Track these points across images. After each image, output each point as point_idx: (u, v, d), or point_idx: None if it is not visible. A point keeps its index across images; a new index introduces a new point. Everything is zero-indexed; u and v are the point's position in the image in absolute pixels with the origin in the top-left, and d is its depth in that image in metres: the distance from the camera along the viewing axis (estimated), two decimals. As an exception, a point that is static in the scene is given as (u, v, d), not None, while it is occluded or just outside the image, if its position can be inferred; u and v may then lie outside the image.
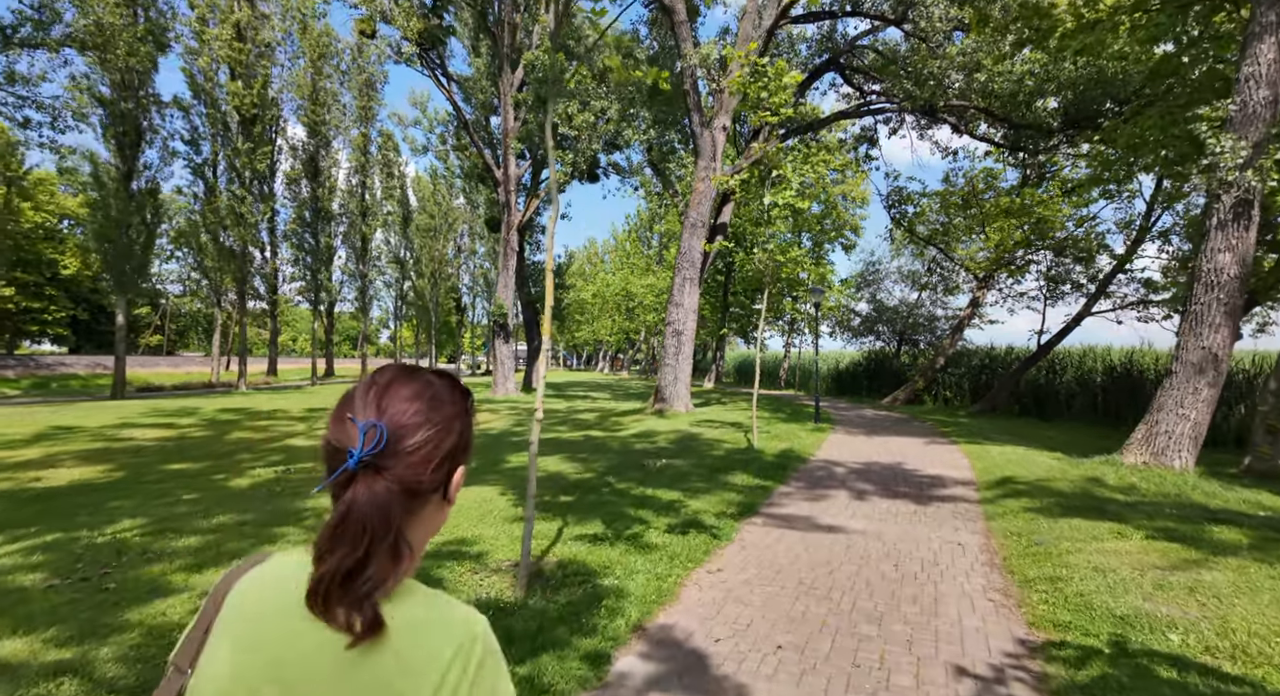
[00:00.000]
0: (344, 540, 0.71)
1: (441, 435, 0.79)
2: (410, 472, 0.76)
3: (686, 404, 16.53)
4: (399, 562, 0.75)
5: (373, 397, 0.79)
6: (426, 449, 0.78)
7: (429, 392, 0.82)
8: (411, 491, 0.76)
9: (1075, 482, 7.78)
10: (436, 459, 0.78)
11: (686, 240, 16.42)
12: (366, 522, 0.72)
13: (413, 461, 0.76)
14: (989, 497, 7.39)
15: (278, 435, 11.16)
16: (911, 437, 13.19)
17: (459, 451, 0.82)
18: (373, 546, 0.72)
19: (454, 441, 0.81)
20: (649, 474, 8.26)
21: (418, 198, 48.59)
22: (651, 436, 11.85)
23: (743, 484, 7.82)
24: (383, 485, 0.74)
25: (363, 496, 0.73)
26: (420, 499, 0.78)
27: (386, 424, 0.76)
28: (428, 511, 0.81)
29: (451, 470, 0.82)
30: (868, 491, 7.80)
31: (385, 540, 0.73)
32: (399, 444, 0.76)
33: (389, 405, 0.78)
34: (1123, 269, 17.26)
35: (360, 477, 0.74)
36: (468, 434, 0.85)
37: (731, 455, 9.91)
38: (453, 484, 0.82)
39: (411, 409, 0.79)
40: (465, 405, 0.86)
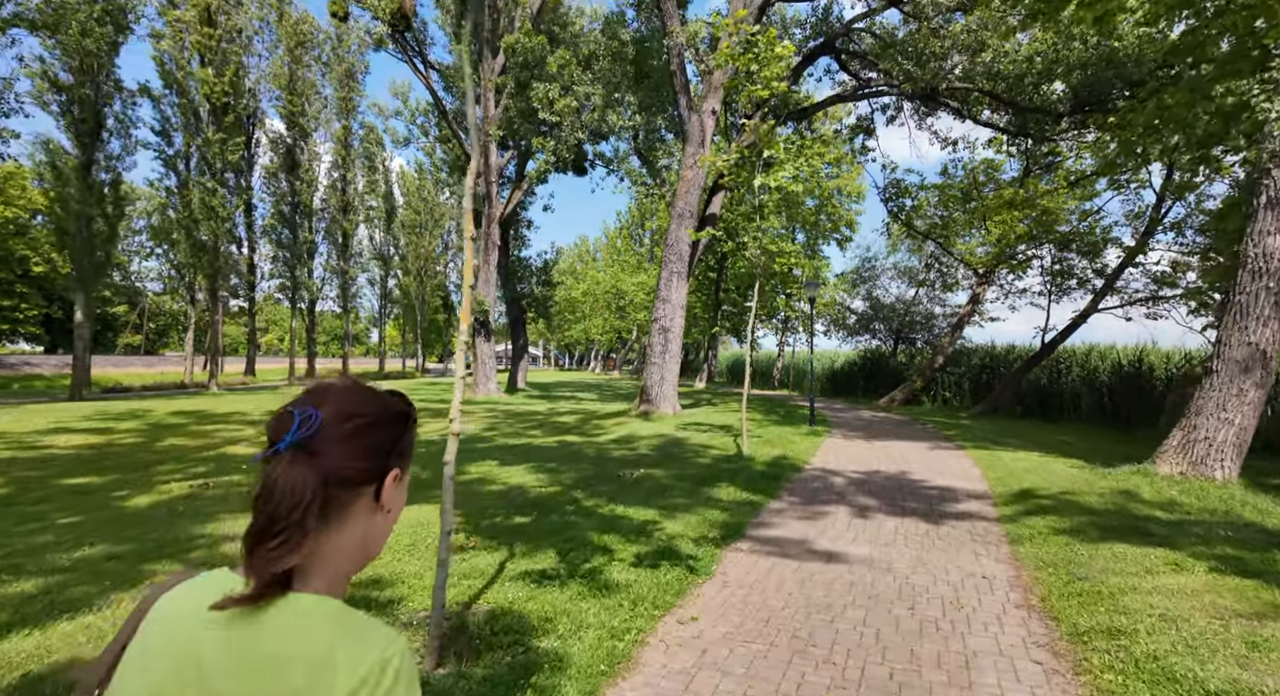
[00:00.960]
0: (258, 506, 0.73)
1: (374, 427, 0.81)
2: (338, 458, 0.76)
3: (674, 405, 15.58)
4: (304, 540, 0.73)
5: (316, 392, 0.81)
6: (357, 438, 0.78)
7: (371, 393, 0.84)
8: (340, 479, 0.76)
9: (1105, 496, 6.86)
10: (367, 449, 0.79)
11: (674, 231, 15.47)
12: (281, 492, 0.72)
13: (344, 449, 0.77)
14: (1009, 515, 6.46)
15: (217, 442, 10.15)
16: (914, 442, 12.27)
17: (393, 451, 0.83)
18: (285, 513, 0.71)
19: (387, 437, 0.82)
20: (624, 487, 7.29)
21: (403, 193, 47.49)
22: (632, 442, 10.89)
23: (729, 499, 6.86)
24: (306, 464, 0.74)
25: (282, 470, 0.74)
26: (349, 491, 0.78)
27: (322, 411, 0.77)
28: (358, 510, 0.80)
29: (383, 469, 0.81)
30: (871, 507, 6.86)
31: (298, 511, 0.72)
32: (331, 429, 0.77)
33: (328, 397, 0.80)
34: (1132, 262, 16.41)
35: (287, 457, 0.74)
36: (405, 439, 0.86)
37: (718, 464, 8.95)
38: (385, 486, 0.81)
39: (349, 399, 0.81)
40: (406, 410, 0.87)
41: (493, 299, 21.95)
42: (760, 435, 12.11)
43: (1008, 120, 16.92)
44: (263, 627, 0.70)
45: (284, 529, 0.71)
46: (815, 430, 13.41)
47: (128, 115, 23.61)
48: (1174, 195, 16.03)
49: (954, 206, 22.00)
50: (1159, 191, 16.28)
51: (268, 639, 0.70)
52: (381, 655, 0.70)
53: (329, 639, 0.70)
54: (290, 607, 0.72)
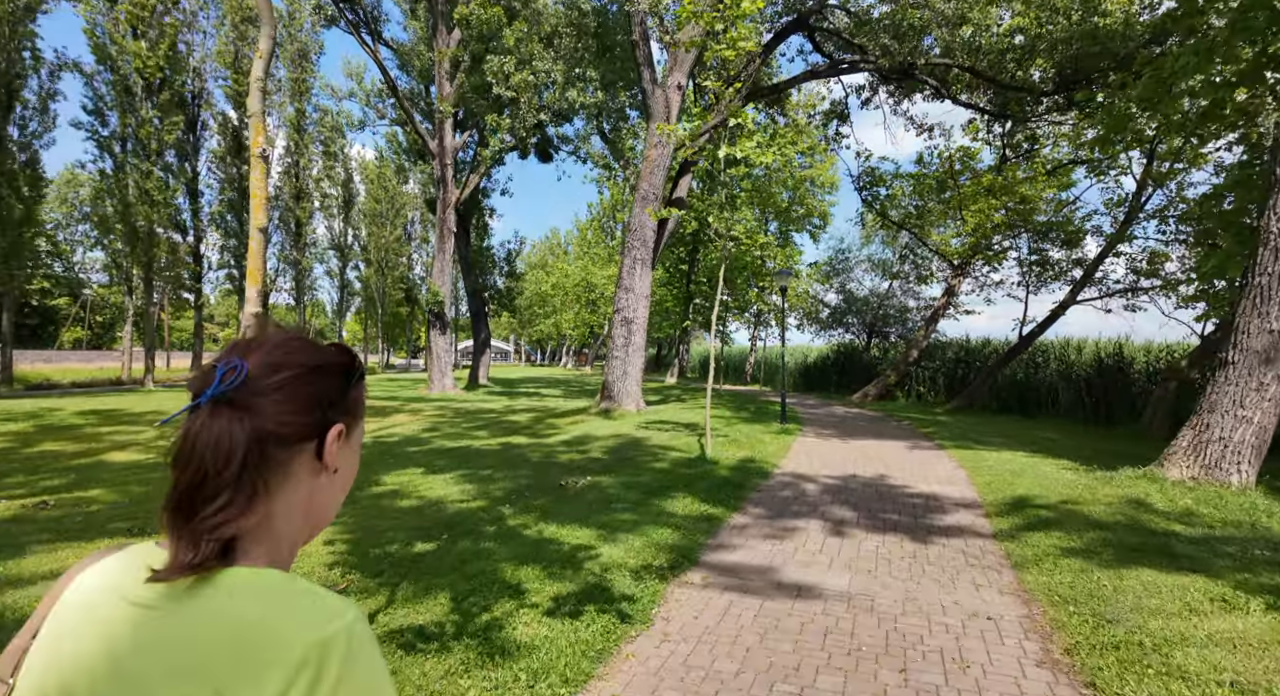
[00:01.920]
0: (178, 467, 0.64)
1: (309, 378, 0.71)
2: (271, 412, 0.67)
3: (637, 402, 14.55)
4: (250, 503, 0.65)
5: (241, 343, 0.71)
6: (289, 388, 0.68)
7: (305, 342, 0.74)
8: (274, 436, 0.67)
9: (1113, 506, 6.01)
10: (303, 400, 0.69)
11: (637, 215, 14.41)
12: (203, 446, 0.63)
13: (274, 399, 0.67)
14: (1007, 530, 5.56)
15: (103, 446, 8.83)
16: (891, 441, 11.44)
17: (335, 403, 0.73)
18: (215, 470, 0.62)
19: (326, 388, 0.72)
20: (563, 499, 6.24)
21: (364, 181, 45.58)
22: (585, 444, 9.83)
23: (684, 513, 5.85)
24: (229, 418, 0.64)
25: (202, 423, 0.64)
26: (284, 449, 0.68)
27: (249, 363, 0.67)
28: (298, 471, 0.70)
29: (324, 423, 0.71)
30: (848, 521, 5.91)
31: (228, 470, 0.63)
32: (259, 381, 0.67)
33: (255, 348, 0.70)
34: (1112, 251, 15.84)
35: (208, 411, 0.64)
36: (351, 393, 0.76)
37: (677, 468, 7.95)
38: (327, 443, 0.71)
39: (281, 350, 0.71)
40: (347, 361, 0.76)
41: (449, 290, 20.66)
42: (727, 434, 11.15)
43: (988, 100, 16.18)
44: (190, 605, 0.61)
45: (221, 489, 0.63)
46: (786, 428, 12.51)
47: (47, 89, 21.78)
48: (1154, 183, 15.48)
49: (929, 196, 21.34)
50: (1139, 179, 15.72)
51: (193, 617, 0.60)
52: (323, 632, 0.59)
53: (261, 615, 0.60)
54: (225, 582, 0.62)
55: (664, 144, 14.12)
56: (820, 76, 14.91)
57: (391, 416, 13.73)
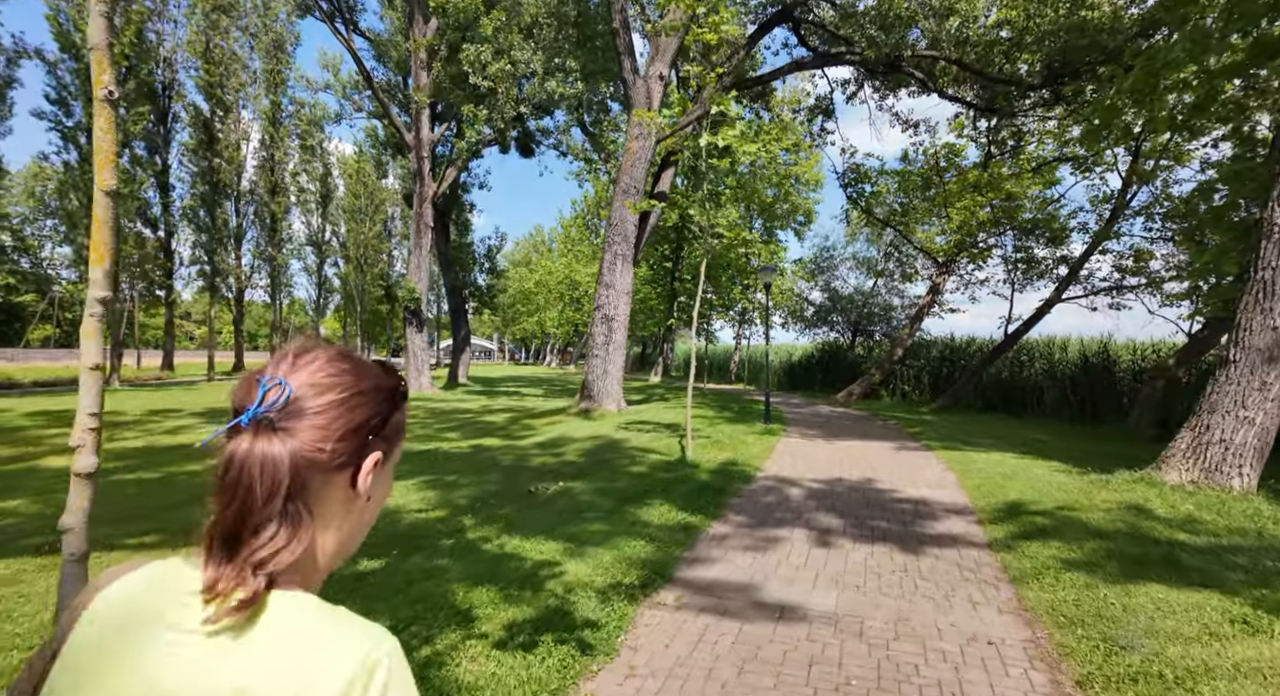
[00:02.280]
0: (226, 493, 0.62)
1: (354, 403, 0.68)
2: (310, 437, 0.64)
3: (618, 401, 14.15)
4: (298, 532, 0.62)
5: (288, 359, 0.69)
6: (332, 412, 0.66)
7: (351, 362, 0.71)
8: (309, 462, 0.64)
9: (1111, 512, 5.71)
10: (342, 428, 0.67)
11: (617, 210, 13.99)
12: (250, 473, 0.61)
13: (316, 424, 0.65)
14: (1002, 539, 5.23)
15: (42, 450, 8.26)
16: (877, 441, 11.13)
17: (374, 431, 0.70)
18: (259, 501, 0.61)
19: (368, 415, 0.69)
20: (530, 507, 5.82)
21: (343, 176, 44.72)
22: (561, 446, 9.40)
23: (660, 522, 5.46)
24: (275, 442, 0.63)
25: (246, 447, 0.62)
26: (322, 475, 0.66)
27: (293, 382, 0.66)
28: (333, 496, 0.68)
29: (361, 449, 0.68)
30: (834, 530, 5.55)
31: (276, 499, 0.61)
32: (303, 403, 0.65)
33: (302, 365, 0.68)
34: (1098, 248, 15.69)
35: (252, 432, 0.63)
36: (393, 418, 0.73)
37: (655, 472, 7.55)
38: (363, 471, 0.69)
39: (327, 371, 0.68)
40: (394, 385, 0.74)
41: (426, 286, 20.10)
42: (709, 435, 10.78)
43: (974, 94, 15.96)
44: (234, 634, 0.59)
45: (269, 519, 0.61)
46: (770, 428, 12.17)
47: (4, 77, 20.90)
48: (1139, 180, 15.34)
49: (914, 193, 21.14)
50: (1125, 176, 15.57)
51: (239, 647, 0.59)
52: (368, 656, 0.59)
53: (304, 644, 0.59)
54: (266, 610, 0.61)
55: (645, 136, 13.72)
56: (805, 68, 14.60)
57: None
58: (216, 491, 0.62)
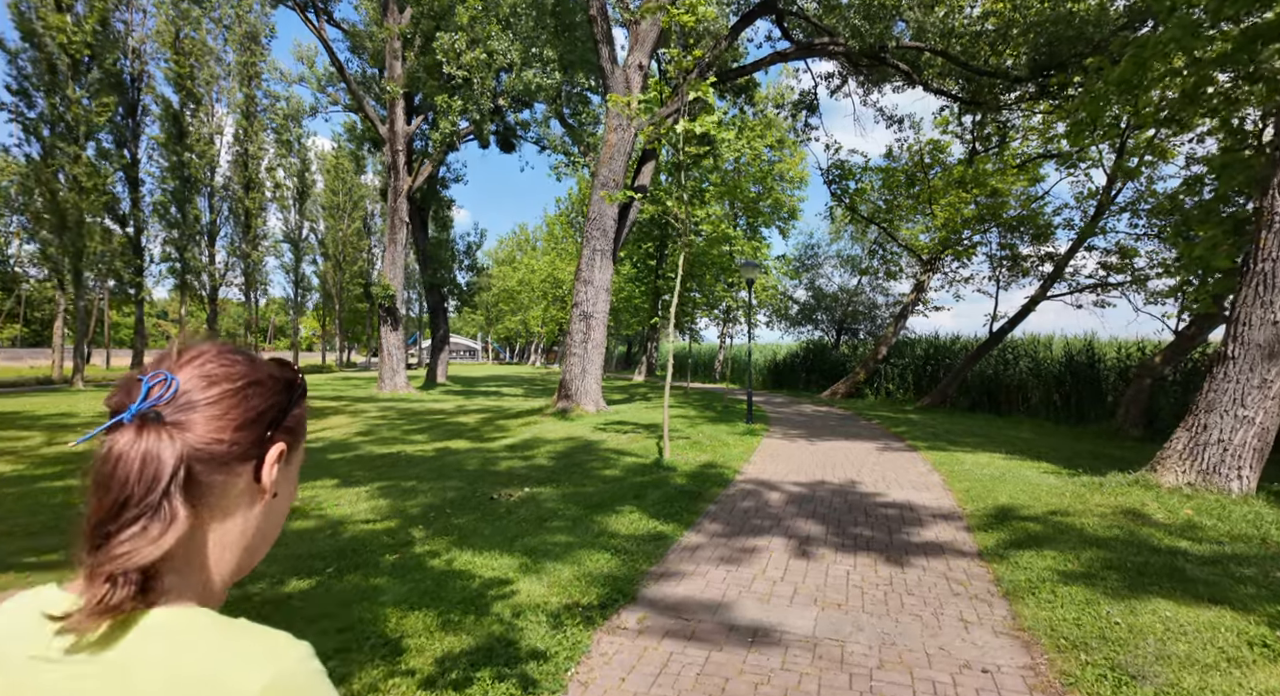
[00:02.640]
0: (98, 491, 0.57)
1: (249, 392, 0.65)
2: (206, 429, 0.61)
3: (597, 402, 13.73)
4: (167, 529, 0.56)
5: (171, 356, 0.65)
6: (227, 402, 0.62)
7: (242, 355, 0.67)
8: (206, 455, 0.60)
9: (1107, 518, 5.39)
10: (240, 417, 0.63)
11: (596, 203, 13.58)
12: (126, 468, 0.56)
13: (211, 414, 0.61)
14: (993, 547, 4.89)
15: (-31, 457, 7.68)
16: (860, 441, 10.82)
17: (274, 423, 0.67)
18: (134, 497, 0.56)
19: (265, 404, 0.66)
20: (490, 516, 5.40)
21: (322, 172, 43.82)
22: (532, 448, 8.97)
23: (629, 531, 5.06)
24: (158, 435, 0.58)
25: (127, 441, 0.57)
26: (223, 470, 0.62)
27: (180, 376, 0.62)
28: (232, 495, 0.63)
29: (263, 440, 0.65)
30: (814, 538, 5.18)
31: (151, 495, 0.56)
32: (193, 395, 0.61)
33: (188, 360, 0.64)
34: (1083, 244, 15.53)
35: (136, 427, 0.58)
36: (292, 410, 0.70)
37: (629, 476, 7.16)
38: (267, 463, 0.65)
39: (216, 362, 0.64)
40: (290, 377, 0.71)
41: (401, 283, 19.54)
42: (689, 436, 10.41)
43: (960, 87, 15.72)
44: (111, 658, 0.54)
45: (140, 515, 0.55)
46: (752, 428, 11.83)
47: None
48: (1124, 176, 15.20)
49: (899, 190, 20.94)
50: (1110, 172, 15.43)
51: (117, 674, 0.53)
52: (275, 672, 0.54)
53: (198, 664, 0.54)
54: (150, 628, 0.56)
55: (624, 128, 13.32)
56: (788, 59, 14.27)
57: (328, 418, 12.68)
58: (89, 491, 0.57)
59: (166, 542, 0.56)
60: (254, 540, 0.67)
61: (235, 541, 0.65)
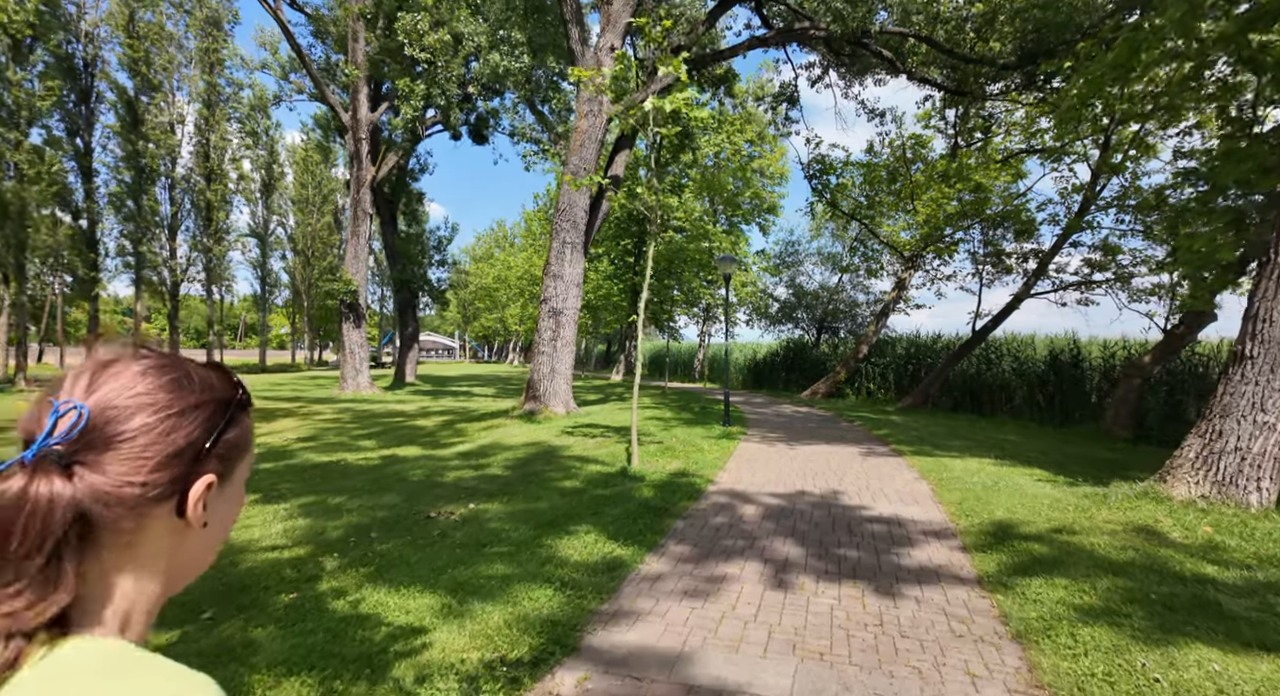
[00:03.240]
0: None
1: (173, 425, 0.56)
2: (117, 471, 0.53)
3: (566, 403, 13.02)
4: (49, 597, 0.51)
5: (87, 375, 0.56)
6: (144, 439, 0.55)
7: (170, 374, 0.58)
8: (116, 499, 0.53)
9: (1118, 536, 4.83)
10: (158, 455, 0.55)
11: (566, 194, 12.87)
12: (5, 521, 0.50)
13: (123, 454, 0.54)
14: (994, 574, 4.30)
15: None
16: (843, 445, 10.25)
17: (203, 453, 0.59)
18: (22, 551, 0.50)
19: (193, 435, 0.58)
20: (422, 540, 4.68)
21: (292, 164, 42.46)
22: (488, 456, 8.24)
23: (581, 557, 4.39)
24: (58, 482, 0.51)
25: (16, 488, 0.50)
26: (134, 514, 0.54)
27: (91, 405, 0.54)
28: (154, 533, 0.57)
29: (187, 475, 0.57)
30: (793, 563, 4.55)
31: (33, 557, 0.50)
32: (106, 430, 0.54)
33: (104, 383, 0.56)
34: (1068, 240, 15.17)
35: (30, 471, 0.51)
36: (229, 435, 0.61)
37: (591, 488, 6.48)
38: (190, 498, 0.58)
39: (136, 387, 0.56)
40: (227, 396, 0.62)
41: (363, 278, 18.62)
42: (661, 440, 9.76)
43: (944, 76, 15.24)
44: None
45: (21, 575, 0.50)
46: (729, 431, 11.21)
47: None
48: (1110, 171, 14.85)
49: (880, 185, 20.48)
50: (1094, 167, 15.08)
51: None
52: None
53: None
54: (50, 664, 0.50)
55: (595, 114, 12.62)
56: (767, 44, 13.68)
57: (276, 421, 11.83)
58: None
59: (51, 611, 0.50)
60: (180, 568, 0.60)
61: (157, 572, 0.58)
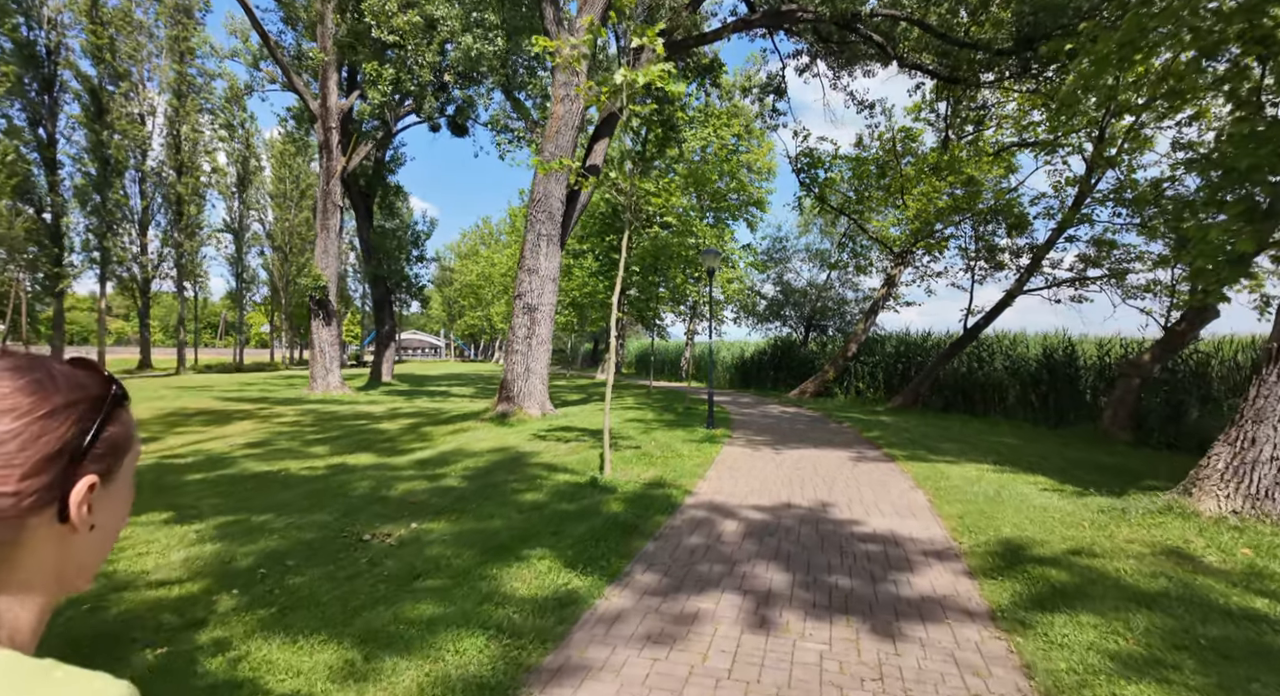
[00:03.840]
0: None
1: (41, 429, 0.53)
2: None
3: (542, 404, 12.35)
4: None
5: None
6: (11, 446, 0.52)
7: (33, 375, 0.55)
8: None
9: (1145, 560, 4.26)
10: (28, 461, 0.52)
11: (542, 183, 12.19)
12: None
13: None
14: (1009, 606, 3.70)
15: None
16: (832, 449, 9.66)
17: (79, 454, 0.56)
18: None
19: (65, 437, 0.55)
20: (341, 571, 4.01)
21: (270, 159, 41.38)
22: (448, 463, 7.56)
23: (529, 591, 3.74)
24: None
25: None
26: (8, 526, 0.52)
27: None
28: (35, 541, 0.54)
29: (64, 479, 0.55)
30: (778, 595, 3.93)
31: None
32: None
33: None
34: (1063, 235, 14.71)
35: None
36: (106, 433, 0.58)
37: (555, 501, 5.83)
38: (72, 502, 0.55)
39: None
40: (99, 393, 0.59)
41: (333, 273, 17.83)
42: (640, 445, 9.13)
43: (937, 62, 14.69)
44: None
45: None
46: (713, 434, 10.60)
47: None
48: (1103, 165, 14.39)
49: (869, 180, 19.96)
50: (1089, 160, 14.62)
51: None
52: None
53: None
54: None
55: (572, 99, 11.96)
56: (753, 26, 13.08)
57: (230, 425, 11.07)
58: None
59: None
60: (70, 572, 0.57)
61: (45, 579, 0.55)
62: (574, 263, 30.84)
